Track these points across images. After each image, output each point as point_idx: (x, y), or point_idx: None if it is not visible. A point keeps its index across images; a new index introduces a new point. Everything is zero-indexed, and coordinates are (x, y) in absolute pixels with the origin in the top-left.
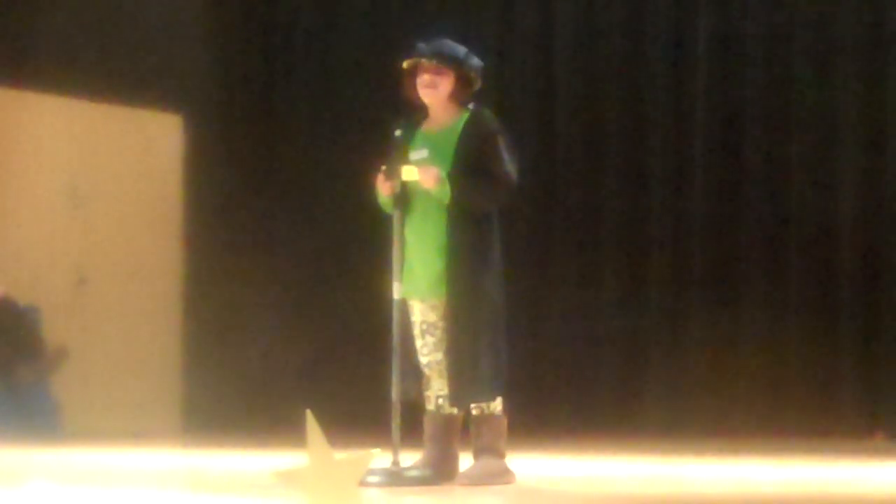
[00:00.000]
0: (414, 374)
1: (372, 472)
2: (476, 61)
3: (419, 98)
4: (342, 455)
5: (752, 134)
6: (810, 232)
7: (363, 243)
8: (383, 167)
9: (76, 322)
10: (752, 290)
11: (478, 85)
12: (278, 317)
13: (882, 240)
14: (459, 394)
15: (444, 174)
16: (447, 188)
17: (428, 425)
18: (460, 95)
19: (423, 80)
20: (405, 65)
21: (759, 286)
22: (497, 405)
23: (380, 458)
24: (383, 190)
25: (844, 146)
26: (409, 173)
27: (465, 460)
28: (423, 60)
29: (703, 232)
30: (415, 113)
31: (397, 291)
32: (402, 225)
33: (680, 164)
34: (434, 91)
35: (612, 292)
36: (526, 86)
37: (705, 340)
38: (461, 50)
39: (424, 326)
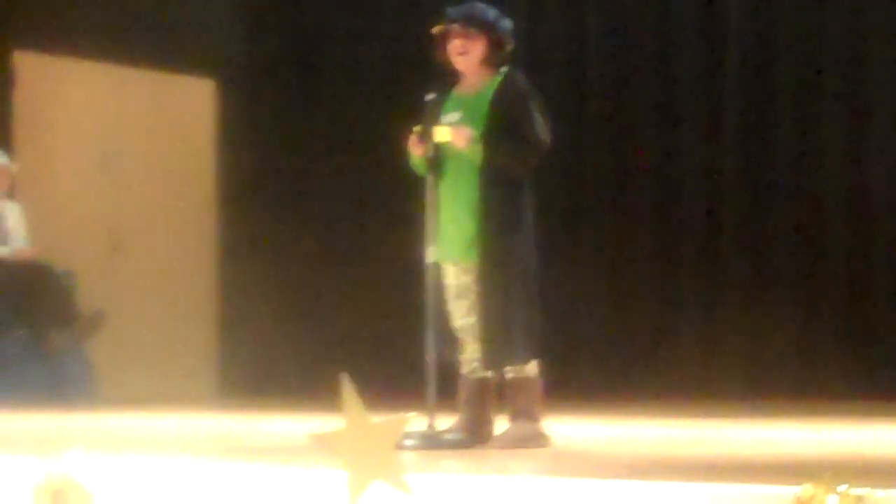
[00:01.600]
0: (448, 337)
1: (408, 435)
2: (507, 24)
3: (451, 63)
4: (378, 419)
5: (786, 91)
6: (847, 198)
7: (397, 206)
8: (416, 129)
9: (110, 287)
10: (787, 250)
11: (510, 47)
12: (313, 281)
13: (874, 206)
14: (492, 357)
15: (476, 135)
16: (479, 149)
17: (462, 389)
18: (492, 59)
19: (454, 45)
20: (436, 30)
21: (793, 246)
22: (531, 368)
23: (415, 421)
24: (416, 151)
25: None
26: (441, 134)
27: (501, 424)
28: (454, 26)
29: (736, 190)
30: (448, 76)
31: (431, 255)
32: (436, 189)
33: (712, 123)
34: (466, 56)
35: (643, 254)
36: (557, 47)
37: (739, 301)
38: (492, 13)
39: (458, 290)
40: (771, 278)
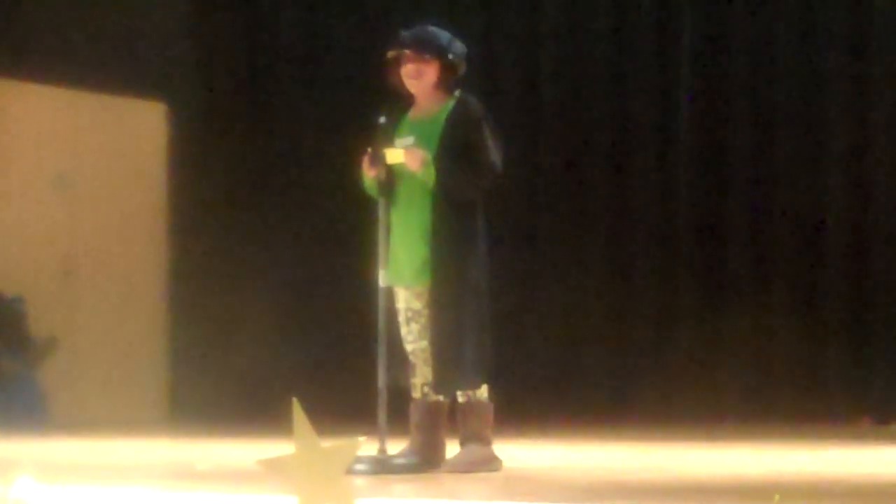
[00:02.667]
0: (400, 361)
1: (359, 459)
2: (460, 47)
3: (405, 86)
4: (329, 443)
5: (740, 111)
6: (798, 218)
7: (349, 231)
8: (369, 149)
9: (62, 312)
10: (740, 278)
11: (462, 70)
12: (264, 306)
13: (870, 226)
14: (444, 381)
15: (429, 158)
16: (432, 171)
17: (414, 413)
18: (445, 82)
19: (406, 69)
20: (389, 54)
21: (747, 272)
22: (483, 392)
23: (367, 446)
24: (368, 173)
25: (833, 138)
26: (394, 156)
27: (452, 448)
28: (407, 50)
29: (693, 219)
30: (400, 100)
31: (383, 279)
32: (388, 212)
33: (666, 147)
34: (419, 80)
35: (597, 278)
36: (511, 69)
37: (693, 326)
38: (444, 37)
39: (409, 314)
40: (725, 305)
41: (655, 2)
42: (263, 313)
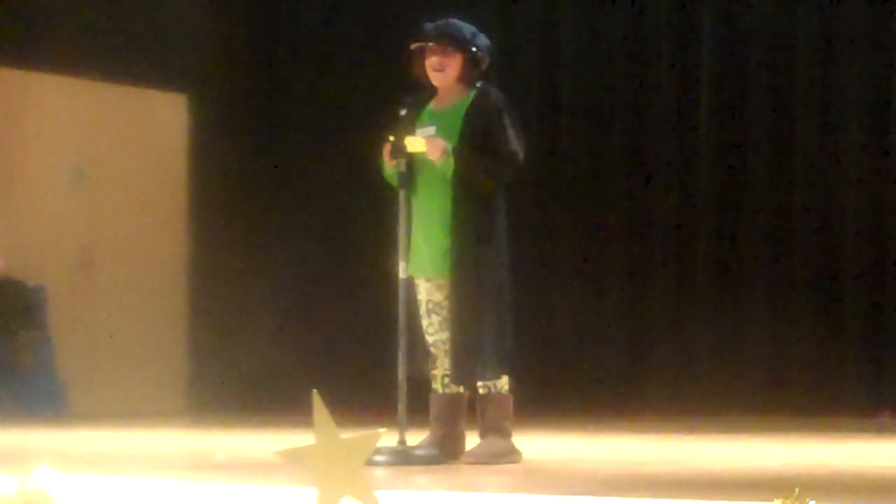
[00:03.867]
0: (420, 353)
1: (379, 451)
2: (483, 40)
3: (427, 78)
4: (348, 435)
5: (760, 104)
6: (815, 212)
7: (370, 222)
8: (390, 138)
9: (81, 302)
10: (757, 269)
11: (486, 64)
12: (284, 296)
13: (887, 220)
14: (464, 372)
15: (450, 148)
16: (452, 160)
17: (434, 404)
18: (468, 75)
19: (431, 62)
20: (413, 47)
21: (763, 265)
22: (503, 384)
23: (386, 437)
24: (388, 162)
25: (849, 134)
26: (415, 144)
27: (472, 439)
28: (431, 43)
29: (709, 210)
30: (423, 91)
31: (403, 271)
32: (408, 203)
33: (685, 140)
34: (442, 73)
35: (617, 269)
36: (531, 61)
37: (710, 318)
38: (468, 30)
39: (430, 305)
40: (742, 297)
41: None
42: (283, 304)
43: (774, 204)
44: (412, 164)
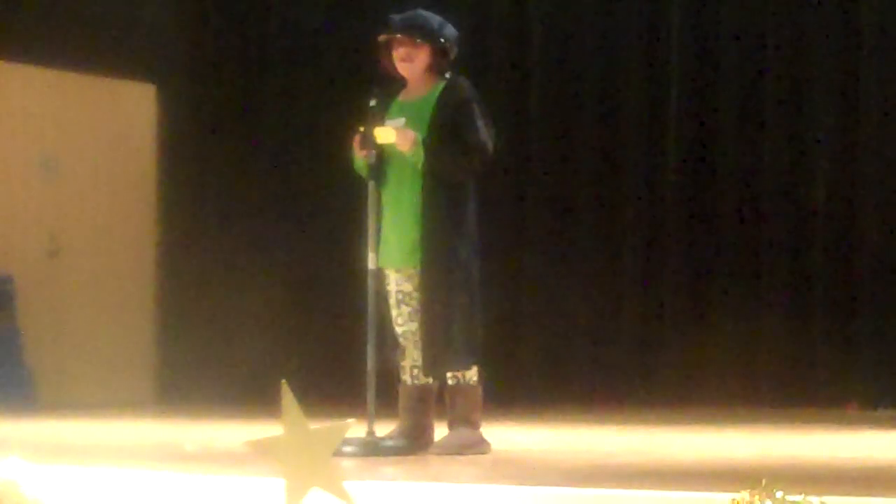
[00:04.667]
0: (390, 344)
1: (347, 441)
2: (451, 31)
3: (396, 70)
4: (317, 425)
5: (728, 97)
6: (784, 206)
7: (340, 212)
8: (360, 129)
9: (49, 292)
10: (727, 261)
11: (454, 54)
12: (253, 287)
13: (855, 214)
14: (434, 363)
15: (420, 139)
16: (422, 151)
17: (403, 395)
18: (437, 66)
19: (398, 53)
20: (380, 39)
21: (733, 260)
22: (472, 375)
23: (355, 428)
24: (358, 153)
25: (821, 127)
26: (385, 136)
27: (441, 430)
28: (399, 34)
29: (678, 201)
30: (391, 82)
31: (372, 261)
32: (378, 194)
33: (655, 128)
34: (410, 65)
35: (585, 260)
36: (500, 52)
37: (678, 310)
38: (436, 21)
39: (400, 296)
40: (710, 289)
41: None
42: (252, 295)
43: (744, 199)
44: (382, 156)
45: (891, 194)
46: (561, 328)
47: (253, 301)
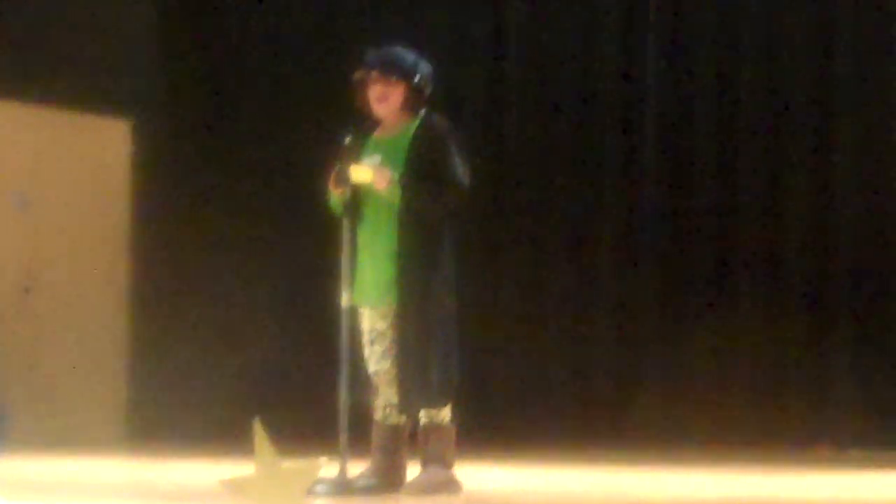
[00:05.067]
0: (363, 382)
1: (320, 481)
2: (426, 68)
3: (371, 107)
4: (290, 464)
5: (705, 129)
6: (759, 241)
7: (314, 250)
8: (336, 168)
9: (23, 329)
10: (700, 302)
11: (429, 91)
12: (226, 325)
13: (830, 250)
14: (409, 401)
15: (396, 177)
16: (398, 191)
17: (376, 434)
18: (412, 104)
19: (374, 92)
20: (355, 76)
21: (706, 296)
22: (446, 414)
23: (328, 467)
24: (334, 192)
25: (795, 145)
26: (361, 174)
27: (414, 470)
28: (374, 72)
29: (653, 234)
30: (367, 120)
31: (346, 299)
32: (353, 232)
33: (630, 166)
34: (385, 103)
35: (561, 300)
36: (477, 87)
37: (652, 348)
38: (410, 59)
39: (373, 335)
40: (684, 329)
41: (620, 26)
42: (226, 332)
43: (719, 234)
44: (358, 193)
45: (865, 233)
46: (535, 368)
47: (226, 339)
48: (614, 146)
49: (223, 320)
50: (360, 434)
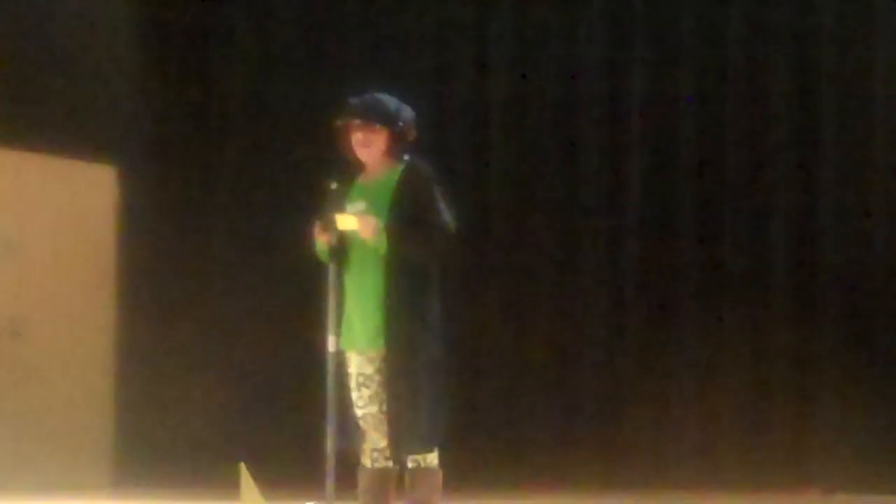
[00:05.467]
0: (350, 427)
1: None
2: (408, 113)
3: (354, 154)
4: None
5: (686, 164)
6: (741, 274)
7: (300, 295)
8: (321, 216)
9: (8, 373)
10: (682, 339)
11: (412, 136)
12: (213, 370)
13: (816, 294)
14: (399, 446)
15: (381, 225)
16: (384, 238)
17: (362, 478)
18: (395, 150)
19: (356, 138)
20: (337, 123)
21: (688, 334)
22: (433, 458)
23: None
24: (320, 239)
25: (780, 161)
26: (346, 223)
27: None
28: (356, 119)
29: (637, 274)
30: (350, 165)
31: (332, 344)
32: (339, 277)
33: (614, 207)
34: (368, 150)
35: (546, 341)
36: (461, 129)
37: (639, 391)
38: (393, 104)
39: (361, 379)
40: (669, 369)
41: (604, 63)
42: (213, 377)
43: (702, 268)
44: (344, 240)
45: (851, 260)
46: (522, 411)
47: (213, 383)
48: (600, 184)
49: (210, 365)
50: (346, 477)
